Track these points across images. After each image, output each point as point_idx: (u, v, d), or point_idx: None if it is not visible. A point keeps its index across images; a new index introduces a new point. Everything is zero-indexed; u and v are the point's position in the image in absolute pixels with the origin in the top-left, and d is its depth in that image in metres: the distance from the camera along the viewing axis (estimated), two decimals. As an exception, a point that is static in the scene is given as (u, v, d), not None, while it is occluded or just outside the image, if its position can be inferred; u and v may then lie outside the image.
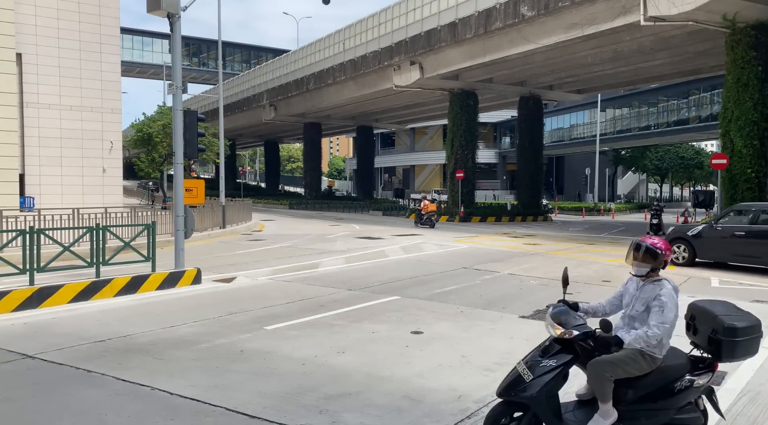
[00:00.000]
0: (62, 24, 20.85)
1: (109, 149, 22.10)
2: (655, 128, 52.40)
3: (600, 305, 4.35)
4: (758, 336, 3.86)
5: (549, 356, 3.82)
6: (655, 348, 3.81)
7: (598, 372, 3.76)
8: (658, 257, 3.98)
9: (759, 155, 20.92)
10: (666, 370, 3.84)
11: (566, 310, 4.04)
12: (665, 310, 3.80)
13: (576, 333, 3.82)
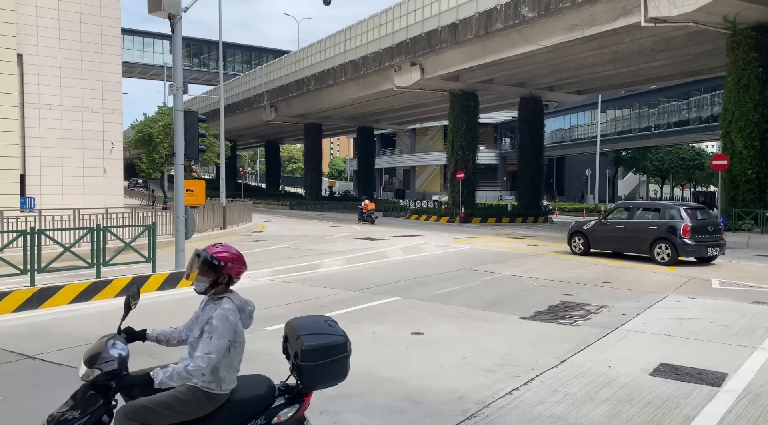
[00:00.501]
0: (63, 25, 20.87)
1: (110, 150, 22.11)
2: (655, 129, 52.40)
3: (176, 329, 3.47)
4: (342, 358, 3.35)
5: (75, 406, 3.14)
6: (211, 382, 3.11)
7: (122, 421, 3.02)
8: (217, 268, 3.26)
9: (759, 156, 20.93)
10: (237, 407, 3.19)
11: (108, 343, 3.16)
12: (213, 336, 3.08)
13: (98, 373, 3.04)
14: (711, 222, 15.08)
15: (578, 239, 16.79)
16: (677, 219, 14.52)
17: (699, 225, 14.42)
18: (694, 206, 15.74)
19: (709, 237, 14.45)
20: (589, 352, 6.48)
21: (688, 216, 14.60)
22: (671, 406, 4.84)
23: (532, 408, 4.78)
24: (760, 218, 20.43)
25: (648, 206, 16.37)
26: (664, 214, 15.10)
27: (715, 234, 14.68)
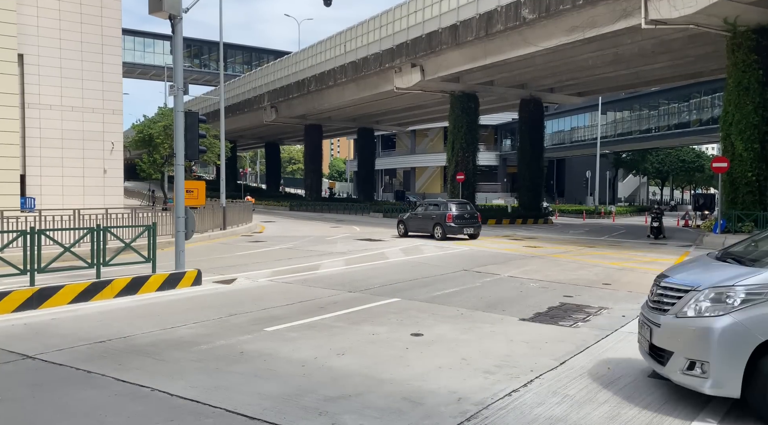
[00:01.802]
0: (64, 25, 20.89)
1: (110, 150, 22.13)
2: (655, 131, 52.42)
3: None
4: None
5: None
6: None
7: None
8: None
9: (760, 159, 20.93)
10: None
11: None
12: None
13: None
14: (469, 213, 22.23)
15: (400, 226, 23.58)
16: (447, 211, 21.58)
17: (460, 215, 21.58)
18: (460, 202, 23.14)
19: (467, 222, 21.65)
20: (589, 354, 6.48)
21: (454, 209, 21.69)
22: (670, 408, 4.84)
23: (532, 410, 4.79)
24: (760, 221, 20.43)
25: (435, 203, 23.72)
26: (440, 207, 22.22)
27: (471, 220, 21.90)
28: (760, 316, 4.32)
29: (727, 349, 4.35)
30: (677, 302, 4.76)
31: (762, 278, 4.45)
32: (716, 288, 4.54)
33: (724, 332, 4.37)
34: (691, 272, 5.21)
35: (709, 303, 4.52)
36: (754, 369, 4.29)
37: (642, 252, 18.51)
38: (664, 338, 4.84)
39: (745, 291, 4.41)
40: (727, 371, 4.34)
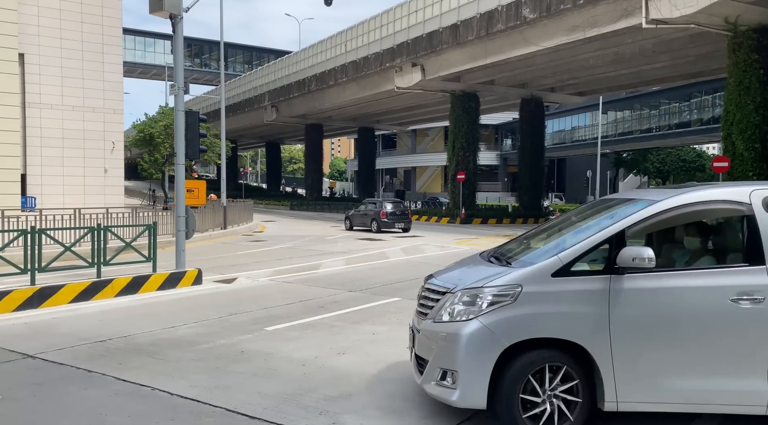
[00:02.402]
0: (65, 24, 20.89)
1: (111, 150, 22.12)
2: (656, 130, 52.39)
3: None
4: None
5: None
6: None
7: None
8: None
9: (760, 158, 20.90)
10: None
11: None
12: None
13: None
14: (401, 210, 25.84)
15: (347, 221, 27.24)
16: (381, 209, 25.42)
17: (392, 212, 25.34)
18: (394, 201, 27.69)
19: (398, 218, 25.24)
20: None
21: (388, 207, 25.64)
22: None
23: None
24: (761, 220, 20.40)
25: (373, 202, 27.40)
26: (377, 206, 26.14)
27: (402, 216, 25.38)
28: (506, 319, 4.05)
29: (473, 356, 4.07)
30: (434, 306, 4.44)
31: (509, 279, 4.18)
32: (468, 290, 4.26)
33: (471, 337, 4.08)
34: (454, 272, 4.92)
35: (461, 306, 4.22)
36: (500, 376, 4.04)
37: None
38: (422, 345, 4.50)
39: (492, 293, 4.14)
40: (474, 380, 4.06)
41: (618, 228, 4.19)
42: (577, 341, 4.04)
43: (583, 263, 4.19)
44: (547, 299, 4.07)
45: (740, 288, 4.03)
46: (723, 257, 4.53)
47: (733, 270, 4.17)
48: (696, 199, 4.35)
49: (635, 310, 4.06)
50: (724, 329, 4.03)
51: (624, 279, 4.08)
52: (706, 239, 4.68)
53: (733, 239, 4.50)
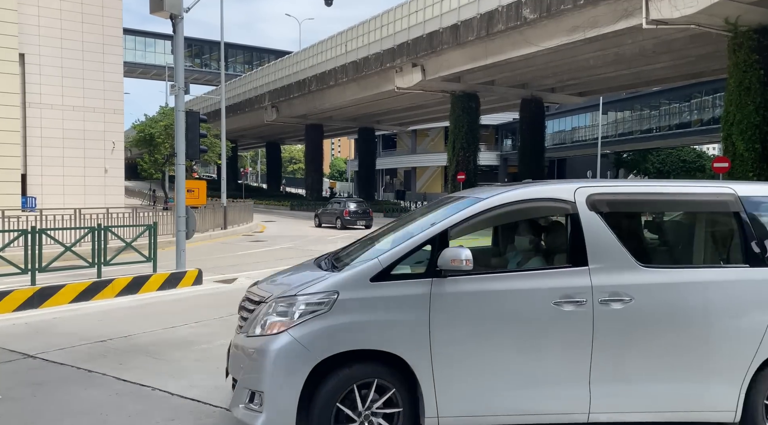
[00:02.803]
0: (65, 25, 20.89)
1: (111, 150, 22.13)
2: (656, 131, 52.39)
3: None
4: None
5: None
6: None
7: None
8: None
9: (761, 159, 20.91)
10: None
11: None
12: None
13: None
14: (363, 209, 28.44)
15: (316, 219, 29.90)
16: (345, 207, 28.10)
17: (355, 211, 27.98)
18: (357, 201, 30.78)
19: (360, 216, 27.87)
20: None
21: (352, 206, 28.28)
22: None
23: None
24: (761, 221, 20.40)
25: (338, 201, 30.43)
26: (341, 205, 28.86)
27: (364, 215, 27.97)
28: (319, 331, 3.60)
29: (280, 375, 3.60)
30: (249, 317, 4.04)
31: (325, 286, 3.73)
32: (283, 299, 3.79)
33: (279, 353, 3.61)
34: (282, 277, 4.54)
35: (275, 318, 3.75)
36: (312, 397, 3.62)
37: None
38: (233, 363, 4.05)
39: (306, 302, 3.69)
40: (281, 401, 3.60)
41: (440, 228, 3.90)
42: (396, 352, 3.67)
43: (405, 266, 3.87)
44: (365, 307, 3.68)
45: (563, 291, 3.82)
46: (551, 258, 4.30)
47: (557, 272, 3.95)
48: (520, 197, 4.10)
49: (457, 317, 3.75)
50: (548, 334, 3.83)
51: (446, 283, 3.76)
52: (537, 239, 4.51)
53: (560, 240, 4.27)
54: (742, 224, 4.09)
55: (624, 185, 4.37)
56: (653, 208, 4.51)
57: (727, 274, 4.05)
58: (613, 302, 3.83)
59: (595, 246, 3.90)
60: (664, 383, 3.90)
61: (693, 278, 3.98)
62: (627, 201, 4.22)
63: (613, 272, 3.88)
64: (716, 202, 4.23)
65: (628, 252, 3.93)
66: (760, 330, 3.90)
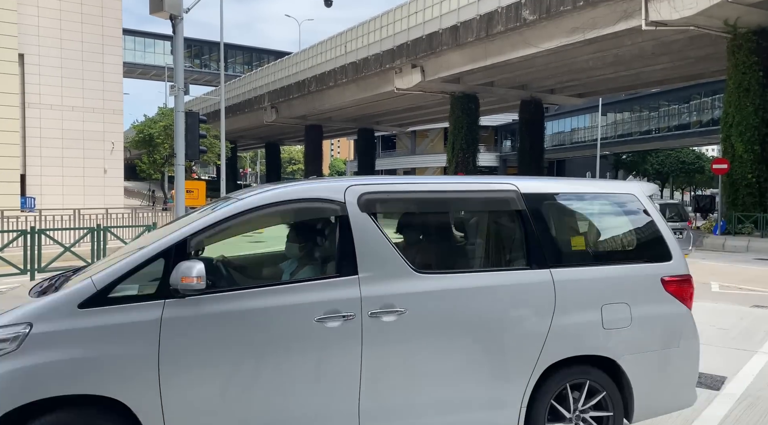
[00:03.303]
0: (65, 25, 20.89)
1: (110, 150, 22.14)
2: (656, 132, 52.43)
3: None
4: None
5: None
6: None
7: None
8: None
9: (760, 160, 20.94)
10: None
11: None
12: None
13: None
14: None
15: None
16: None
17: None
18: None
19: None
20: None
21: None
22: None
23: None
24: (760, 222, 20.44)
25: None
26: None
27: None
28: (5, 376, 2.76)
29: None
30: None
31: (14, 317, 2.88)
32: None
33: None
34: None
35: None
36: None
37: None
38: None
39: None
40: None
41: (177, 238, 3.17)
42: (114, 396, 2.90)
43: (131, 285, 3.11)
44: (70, 341, 2.87)
45: (329, 305, 3.25)
46: (324, 267, 3.76)
47: (323, 283, 3.36)
48: (281, 197, 3.50)
49: (194, 347, 3.04)
50: (309, 360, 3.20)
51: (183, 305, 3.04)
52: (308, 245, 4.00)
53: (331, 246, 3.66)
54: (524, 223, 3.74)
55: (401, 182, 3.91)
56: (433, 207, 3.95)
57: (508, 278, 3.66)
58: (384, 315, 3.32)
59: (366, 252, 3.39)
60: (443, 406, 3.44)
61: (473, 284, 3.57)
62: (404, 200, 3.78)
63: (386, 280, 3.39)
64: (498, 199, 3.85)
65: (403, 257, 3.46)
66: (541, 335, 3.59)
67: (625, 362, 3.73)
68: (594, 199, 4.19)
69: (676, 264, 3.99)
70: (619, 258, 4.07)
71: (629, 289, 3.83)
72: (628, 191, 4.14)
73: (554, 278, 3.66)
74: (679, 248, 4.08)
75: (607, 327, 3.70)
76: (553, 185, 4.08)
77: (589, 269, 3.81)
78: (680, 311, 3.92)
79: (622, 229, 4.25)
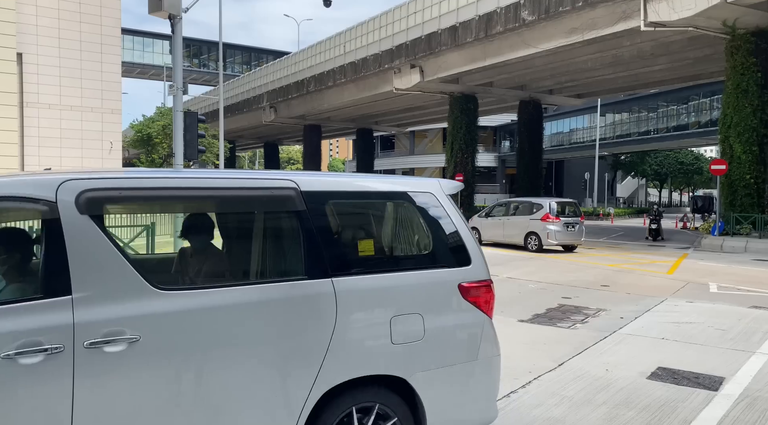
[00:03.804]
0: (63, 24, 20.87)
1: (109, 150, 22.10)
2: (654, 133, 52.51)
3: None
4: None
5: None
6: None
7: None
8: None
9: (758, 161, 20.98)
10: None
11: None
12: None
13: None
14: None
15: None
16: None
17: None
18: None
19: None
20: (587, 355, 6.48)
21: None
22: (668, 410, 4.85)
23: (530, 411, 4.79)
24: (758, 223, 20.46)
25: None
26: None
27: None
28: None
29: None
30: None
31: None
32: None
33: None
34: None
35: None
36: None
37: (640, 254, 18.52)
38: None
39: None
40: None
41: None
42: None
43: None
44: None
45: (23, 336, 2.48)
46: (27, 287, 2.88)
47: (20, 308, 2.54)
48: None
49: None
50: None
51: None
52: (14, 258, 3.07)
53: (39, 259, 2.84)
54: (303, 225, 3.16)
55: (140, 175, 3.18)
56: (188, 207, 3.40)
57: (280, 291, 3.04)
58: (108, 345, 2.61)
59: (84, 266, 2.65)
60: None
61: (234, 300, 2.92)
62: (145, 199, 3.04)
63: (113, 301, 2.67)
64: (272, 198, 3.23)
65: (138, 272, 2.75)
66: (318, 355, 3.04)
67: (418, 380, 3.29)
68: (387, 198, 3.75)
69: (475, 269, 3.68)
70: (413, 264, 3.61)
71: (423, 298, 3.39)
72: (425, 189, 3.70)
73: (336, 289, 3.11)
74: (480, 251, 3.78)
75: (396, 342, 3.23)
76: (341, 182, 3.58)
77: (378, 277, 3.31)
78: (479, 320, 3.56)
79: (417, 231, 3.78)
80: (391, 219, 3.82)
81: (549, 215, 18.76)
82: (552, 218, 18.69)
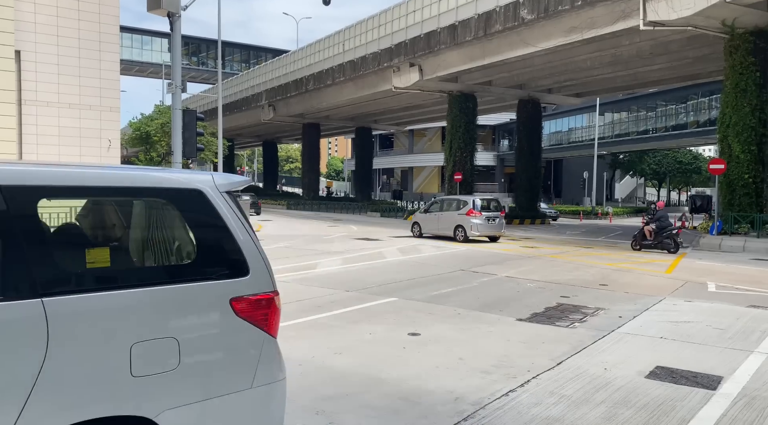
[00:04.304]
0: (62, 22, 20.82)
1: (108, 148, 22.06)
2: (653, 132, 52.56)
3: None
4: None
5: None
6: None
7: None
8: None
9: (756, 161, 21.00)
10: None
11: None
12: None
13: None
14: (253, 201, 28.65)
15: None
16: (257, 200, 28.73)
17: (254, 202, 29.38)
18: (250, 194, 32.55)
19: None
20: (586, 354, 6.48)
21: None
22: (667, 409, 4.85)
23: (529, 410, 4.79)
24: (757, 222, 20.48)
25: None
26: None
27: (253, 205, 29.38)
28: None
29: None
30: None
31: None
32: None
33: None
34: None
35: None
36: None
37: (639, 253, 18.55)
38: None
39: None
40: None
41: None
42: None
43: None
44: None
45: None
46: None
47: None
48: None
49: None
50: None
51: None
52: None
53: None
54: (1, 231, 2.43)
55: None
56: None
57: None
58: None
59: None
60: None
61: None
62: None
63: None
64: None
65: None
66: (19, 397, 2.33)
67: (168, 420, 2.63)
68: (133, 195, 2.98)
69: (255, 280, 3.06)
70: (167, 277, 2.90)
71: (178, 318, 2.75)
72: (191, 185, 2.94)
73: (47, 311, 2.40)
74: (263, 259, 3.24)
75: (137, 374, 2.57)
76: (62, 174, 2.73)
77: (113, 295, 2.59)
78: (256, 340, 2.94)
79: (179, 237, 3.10)
80: (140, 222, 3.15)
81: (473, 210, 20.86)
82: (475, 213, 20.79)
